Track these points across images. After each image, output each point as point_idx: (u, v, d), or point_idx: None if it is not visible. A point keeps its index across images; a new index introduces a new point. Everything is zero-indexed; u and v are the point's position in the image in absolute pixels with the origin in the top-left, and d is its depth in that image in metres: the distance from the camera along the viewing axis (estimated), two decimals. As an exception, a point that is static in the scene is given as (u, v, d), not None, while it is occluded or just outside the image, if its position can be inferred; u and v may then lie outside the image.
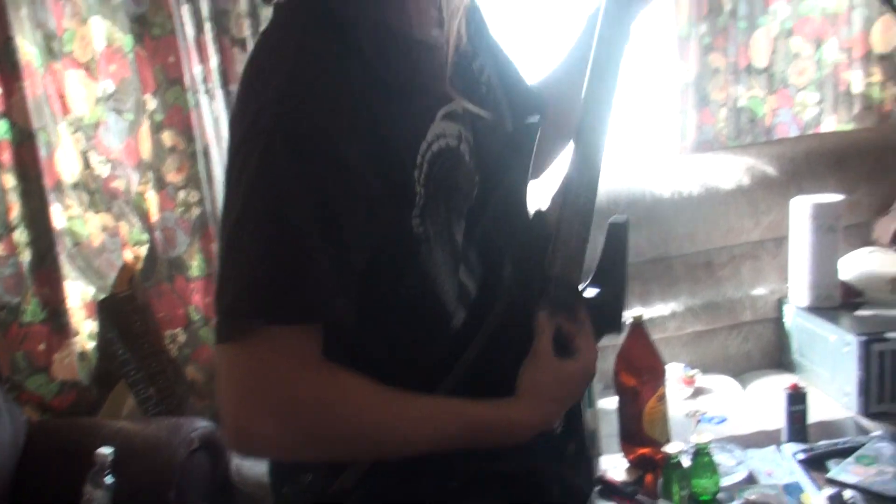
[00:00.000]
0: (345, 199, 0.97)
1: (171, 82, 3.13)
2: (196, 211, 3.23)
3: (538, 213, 1.20)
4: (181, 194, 3.22)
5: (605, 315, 1.20)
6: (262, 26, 3.05)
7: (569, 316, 1.14)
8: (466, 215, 1.12)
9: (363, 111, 0.98)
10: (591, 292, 1.19)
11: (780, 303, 3.12)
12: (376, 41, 1.03)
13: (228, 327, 0.95)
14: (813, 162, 3.29)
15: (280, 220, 0.94)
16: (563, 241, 1.15)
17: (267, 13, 3.11)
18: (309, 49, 0.99)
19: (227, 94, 3.17)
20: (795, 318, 2.98)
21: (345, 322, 0.98)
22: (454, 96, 1.10)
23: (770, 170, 3.26)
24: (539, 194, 1.27)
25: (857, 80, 3.48)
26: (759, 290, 3.21)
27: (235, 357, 0.95)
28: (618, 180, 3.17)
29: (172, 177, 3.20)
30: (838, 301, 2.89)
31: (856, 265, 3.02)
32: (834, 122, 3.53)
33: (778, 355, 3.16)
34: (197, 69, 3.12)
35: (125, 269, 3.21)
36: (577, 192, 1.15)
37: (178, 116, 3.15)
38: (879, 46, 3.47)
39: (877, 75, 3.47)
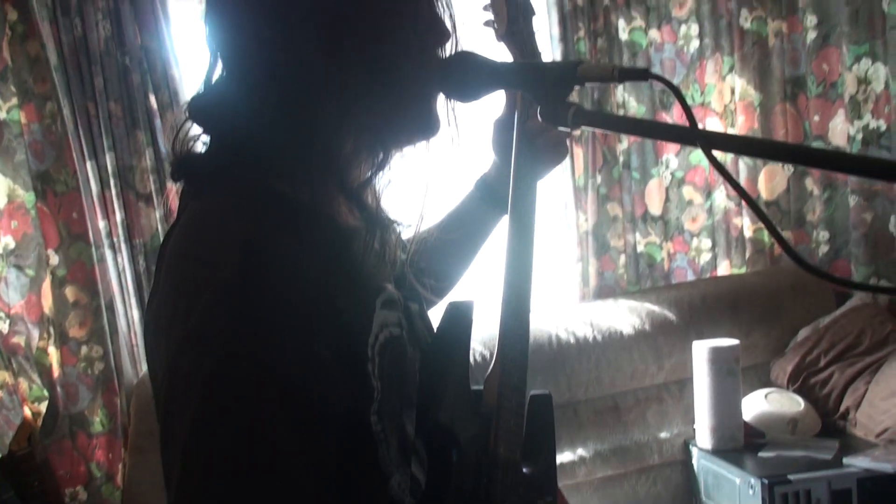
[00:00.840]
0: (316, 401, 0.89)
1: (74, 237, 3.11)
2: (99, 366, 3.18)
3: (476, 392, 1.20)
4: (84, 349, 3.17)
5: (540, 488, 1.21)
6: (169, 182, 3.10)
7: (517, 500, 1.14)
8: (413, 404, 1.10)
9: (321, 304, 0.93)
10: (525, 467, 1.20)
11: (687, 445, 3.17)
12: (318, 226, 1.00)
13: None
14: (710, 305, 3.40)
15: (251, 431, 0.85)
16: (504, 420, 1.16)
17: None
18: (261, 235, 0.92)
19: (131, 247, 3.17)
20: (701, 461, 3.02)
21: None
22: (387, 283, 1.08)
23: (670, 314, 3.35)
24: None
25: (746, 226, 3.63)
26: (666, 433, 3.25)
27: None
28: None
29: (75, 332, 3.15)
30: (741, 442, 2.95)
31: (756, 406, 3.10)
32: (728, 267, 3.66)
33: (687, 498, 3.19)
34: (101, 224, 3.12)
35: (24, 427, 3.12)
36: (511, 371, 1.18)
37: (82, 271, 3.12)
38: (766, 193, 3.64)
39: (765, 221, 3.63)
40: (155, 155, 3.15)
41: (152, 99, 3.11)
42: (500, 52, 1.37)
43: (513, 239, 1.23)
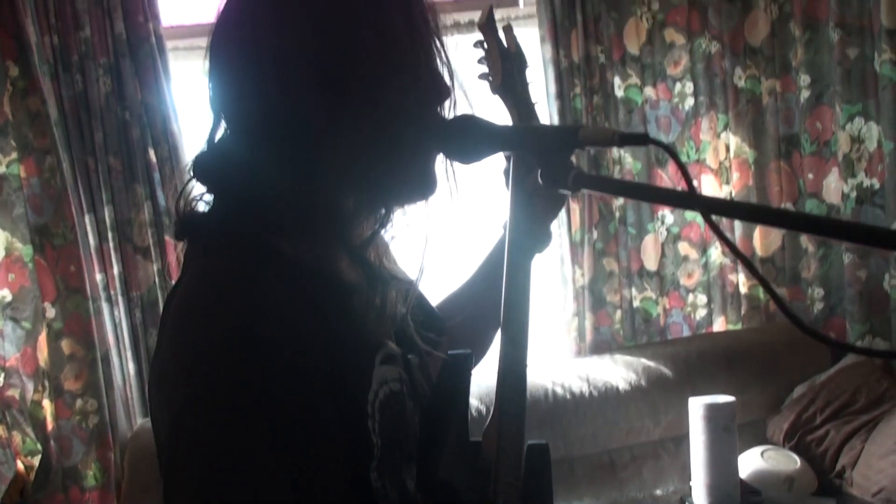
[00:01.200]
0: (317, 461, 0.91)
1: (71, 290, 3.11)
2: (94, 419, 3.16)
3: (475, 444, 1.20)
4: (79, 402, 3.15)
5: None
6: (166, 235, 3.12)
7: None
8: (413, 459, 1.10)
9: (321, 364, 0.94)
10: None
11: (683, 502, 3.15)
12: (319, 284, 1.01)
13: None
14: (706, 361, 3.40)
15: (253, 493, 0.86)
16: (503, 473, 1.16)
17: (171, 223, 3.16)
18: (261, 297, 0.94)
19: (128, 300, 3.17)
20: (697, 518, 3.00)
21: None
22: (387, 339, 1.09)
23: (666, 370, 3.35)
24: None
25: (742, 282, 3.64)
26: (662, 490, 3.24)
27: None
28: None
29: (70, 385, 3.14)
30: (738, 500, 2.93)
31: (752, 464, 3.09)
32: (723, 323, 3.67)
33: (683, 555, 3.16)
34: (99, 276, 3.13)
35: (17, 481, 3.09)
36: (509, 424, 1.18)
37: (78, 324, 3.12)
38: (761, 250, 3.66)
39: (760, 277, 3.65)
40: (153, 208, 3.16)
41: (151, 153, 3.14)
42: (496, 106, 1.39)
43: (510, 290, 1.24)
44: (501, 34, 1.39)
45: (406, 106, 1.04)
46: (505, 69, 1.36)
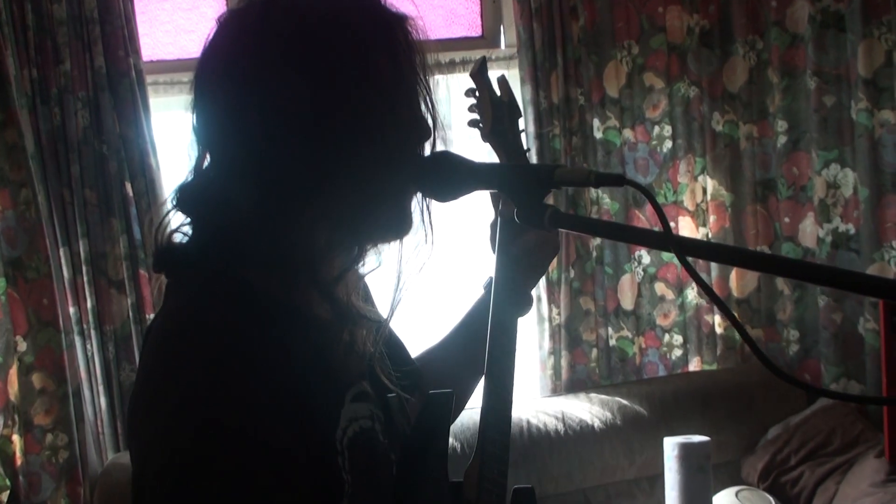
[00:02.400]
0: (285, 499, 0.92)
1: (43, 324, 3.08)
2: (64, 454, 3.12)
3: (455, 484, 1.20)
4: (49, 437, 3.11)
5: None
6: (141, 268, 3.10)
7: None
8: (389, 496, 1.10)
9: (287, 401, 0.95)
10: None
11: (657, 544, 3.14)
12: (289, 320, 1.02)
13: None
14: (681, 401, 3.40)
15: None
16: None
17: (146, 257, 3.15)
18: (229, 335, 0.96)
19: (101, 334, 3.14)
20: (672, 561, 2.99)
21: None
22: (358, 377, 1.09)
23: (641, 409, 3.35)
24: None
25: (717, 323, 3.66)
26: (636, 531, 3.23)
27: None
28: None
29: (40, 419, 3.10)
30: (712, 542, 2.93)
31: (727, 505, 3.08)
32: (699, 363, 3.67)
33: None
34: (72, 310, 3.10)
35: (-17, 518, 3.05)
36: (491, 465, 1.18)
37: (50, 358, 3.09)
38: (737, 291, 3.68)
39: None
40: (129, 242, 3.15)
41: (128, 187, 3.13)
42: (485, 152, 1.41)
43: (494, 348, 1.24)
44: (495, 84, 1.41)
45: (386, 146, 1.04)
46: (495, 117, 1.38)
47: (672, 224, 3.54)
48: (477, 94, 1.40)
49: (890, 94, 3.41)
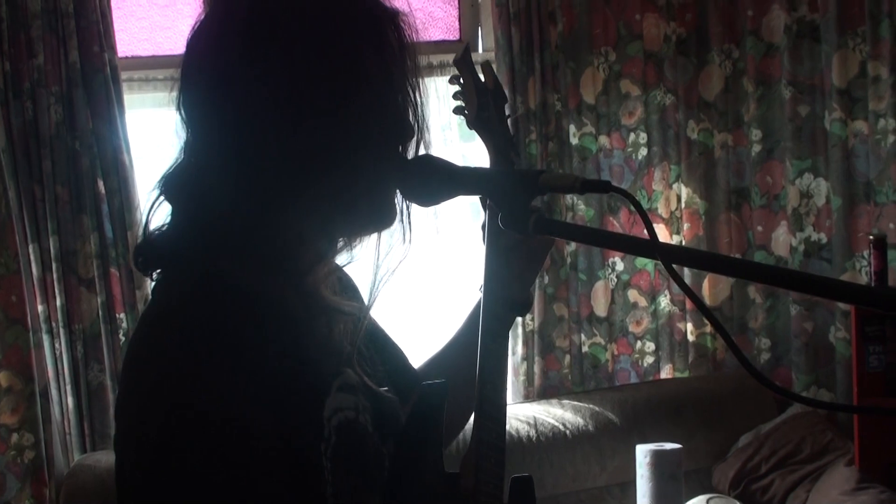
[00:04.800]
0: (257, 482, 0.92)
1: (11, 321, 3.04)
2: (30, 454, 3.08)
3: (451, 475, 1.18)
4: (14, 437, 3.07)
5: None
6: (112, 267, 3.07)
7: None
8: (382, 491, 1.09)
9: (268, 388, 0.96)
10: None
11: (627, 550, 3.14)
12: (274, 310, 1.02)
13: None
14: (653, 408, 3.41)
15: None
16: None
17: (117, 255, 3.12)
18: (209, 320, 0.97)
19: (70, 333, 3.10)
20: (642, 568, 2.99)
21: None
22: (346, 367, 1.09)
23: (613, 416, 3.36)
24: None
25: (690, 330, 3.67)
26: (607, 537, 3.23)
27: None
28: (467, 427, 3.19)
29: (6, 418, 3.06)
30: (683, 549, 2.93)
31: (698, 512, 3.09)
32: (671, 370, 3.68)
33: None
34: (41, 308, 3.06)
35: (-55, 517, 3.00)
36: (488, 454, 1.17)
37: (17, 356, 3.04)
38: (710, 299, 3.69)
39: (708, 325, 3.67)
40: (100, 240, 3.11)
41: (100, 184, 3.09)
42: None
43: (488, 321, 1.23)
44: (480, 71, 1.40)
45: (367, 141, 1.04)
46: (481, 103, 1.38)
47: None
48: (461, 81, 1.39)
49: (863, 104, 3.44)
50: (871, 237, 3.30)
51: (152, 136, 3.31)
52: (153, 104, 3.32)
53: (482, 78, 1.39)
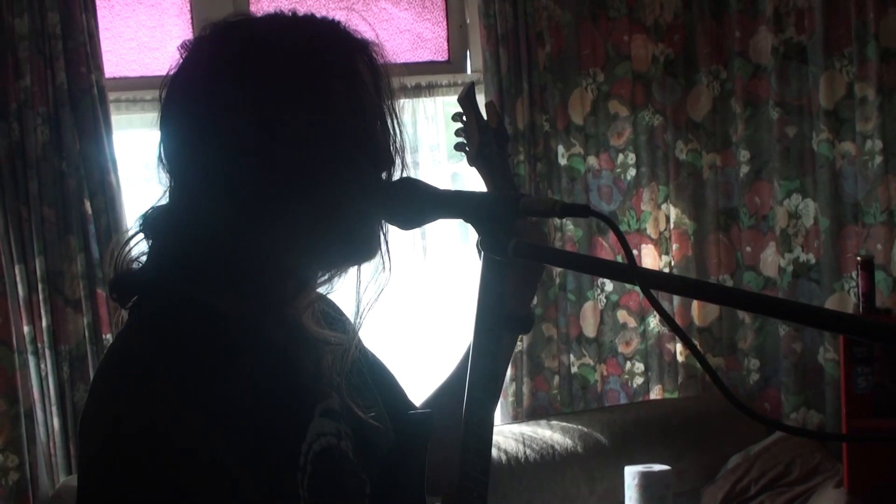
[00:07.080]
0: None
1: (-4, 343, 3.03)
2: (14, 476, 3.05)
3: None
4: (-1, 458, 3.05)
5: None
6: (98, 288, 3.06)
7: None
8: None
9: (241, 418, 0.95)
10: None
11: (616, 573, 3.13)
12: (251, 338, 1.02)
13: None
14: (643, 429, 3.40)
15: None
16: None
17: (104, 276, 3.10)
18: (179, 350, 0.97)
19: (56, 354, 3.08)
20: (631, 590, 2.98)
21: None
22: (330, 392, 1.09)
23: (602, 437, 3.35)
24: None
25: (679, 351, 3.66)
26: (596, 560, 3.21)
27: None
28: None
29: (-10, 440, 3.04)
30: (671, 572, 2.92)
31: (686, 535, 3.08)
32: (660, 391, 3.68)
33: None
34: (26, 329, 3.04)
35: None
36: (471, 487, 1.17)
37: (3, 377, 3.02)
38: (699, 320, 3.69)
39: (698, 346, 3.67)
40: (86, 260, 3.09)
41: (87, 205, 3.08)
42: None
43: (479, 333, 1.22)
44: (483, 109, 1.42)
45: (346, 172, 1.04)
46: (482, 141, 1.39)
47: (635, 252, 3.55)
48: (464, 118, 1.40)
49: (851, 125, 3.46)
50: (858, 258, 3.30)
51: (140, 156, 3.30)
52: (141, 125, 3.31)
53: (485, 116, 1.41)
